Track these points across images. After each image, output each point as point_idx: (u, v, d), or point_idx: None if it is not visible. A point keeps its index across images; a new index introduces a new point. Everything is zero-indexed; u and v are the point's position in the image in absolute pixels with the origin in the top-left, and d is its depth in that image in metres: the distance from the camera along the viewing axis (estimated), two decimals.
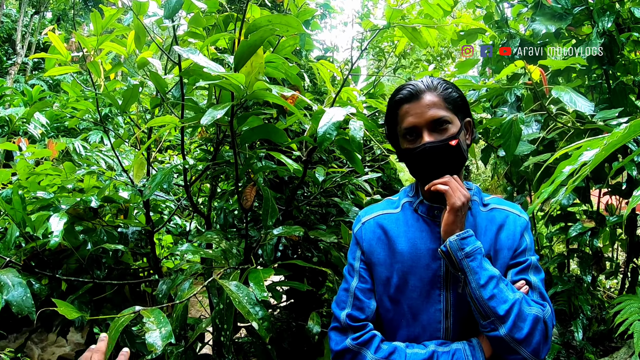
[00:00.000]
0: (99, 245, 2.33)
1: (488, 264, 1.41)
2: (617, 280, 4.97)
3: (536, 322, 1.35)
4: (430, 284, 1.50)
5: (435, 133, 1.47)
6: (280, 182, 2.95)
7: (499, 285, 1.37)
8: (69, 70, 2.39)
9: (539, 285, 1.47)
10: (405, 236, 1.55)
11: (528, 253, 1.53)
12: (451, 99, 1.50)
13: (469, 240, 1.41)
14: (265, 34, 1.44)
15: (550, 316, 1.41)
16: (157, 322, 1.29)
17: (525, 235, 1.55)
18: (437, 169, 1.48)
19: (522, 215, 1.59)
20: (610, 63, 3.53)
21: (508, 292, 1.37)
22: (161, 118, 1.80)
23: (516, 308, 1.34)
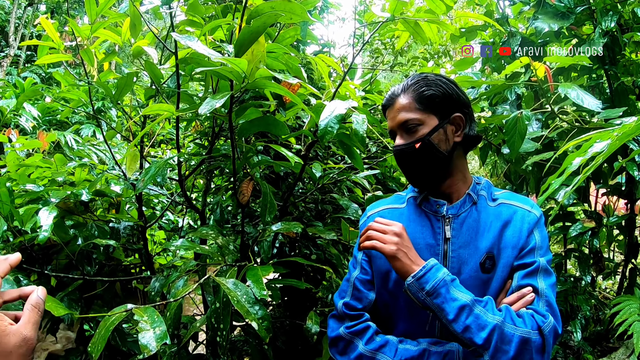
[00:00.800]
0: (90, 240, 2.26)
1: (457, 291, 1.34)
2: (613, 280, 4.97)
3: (523, 344, 1.27)
4: None
5: (406, 135, 1.52)
6: (277, 177, 2.89)
7: (473, 313, 1.30)
8: (61, 57, 2.32)
9: (547, 293, 1.37)
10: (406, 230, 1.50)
11: (537, 253, 1.43)
12: (424, 97, 1.50)
13: (426, 278, 1.35)
14: (269, 20, 1.38)
15: (551, 329, 1.31)
16: (150, 321, 1.22)
17: (536, 232, 1.46)
18: (410, 169, 1.55)
19: (533, 210, 1.50)
20: (611, 63, 3.51)
21: (486, 316, 1.30)
22: (157, 105, 1.73)
23: (496, 333, 1.27)
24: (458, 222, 1.50)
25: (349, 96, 2.31)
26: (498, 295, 1.44)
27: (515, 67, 2.74)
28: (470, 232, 1.48)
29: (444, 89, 1.51)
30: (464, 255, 1.46)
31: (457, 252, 1.47)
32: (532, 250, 1.43)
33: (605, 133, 1.51)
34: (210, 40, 2.19)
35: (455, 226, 1.50)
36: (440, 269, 1.37)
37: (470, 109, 1.57)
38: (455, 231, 1.49)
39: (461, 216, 1.51)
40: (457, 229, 1.49)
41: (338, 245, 2.68)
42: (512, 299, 1.38)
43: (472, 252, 1.46)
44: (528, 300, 1.35)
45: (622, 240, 3.92)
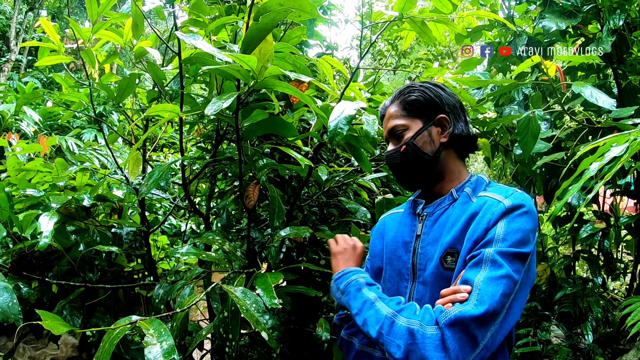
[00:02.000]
0: (92, 246, 2.21)
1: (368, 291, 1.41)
2: (621, 281, 4.93)
3: (411, 336, 1.18)
4: (399, 275, 1.52)
5: (395, 141, 1.57)
6: (282, 180, 2.84)
7: (373, 307, 1.34)
8: (62, 59, 2.27)
9: (482, 286, 1.20)
10: (391, 231, 1.63)
11: (493, 245, 1.26)
12: (408, 102, 1.55)
13: (342, 278, 1.52)
14: (278, 17, 1.33)
15: (450, 320, 1.16)
16: (157, 335, 1.16)
17: (500, 223, 1.29)
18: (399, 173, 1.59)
19: (505, 200, 1.34)
20: (619, 62, 3.47)
21: (382, 310, 1.31)
22: (162, 106, 1.68)
23: (386, 325, 1.25)
24: (432, 219, 1.49)
25: (355, 97, 2.26)
26: None
27: (525, 67, 2.70)
28: (439, 229, 1.45)
29: (427, 93, 1.54)
30: (430, 252, 1.44)
31: (424, 249, 1.46)
32: (487, 243, 1.27)
33: (622, 137, 1.47)
34: (214, 41, 2.14)
35: (428, 224, 1.49)
36: (357, 272, 1.52)
37: (457, 110, 1.56)
38: (427, 228, 1.49)
39: (436, 214, 1.50)
40: (429, 227, 1.49)
41: None
42: (446, 291, 1.28)
43: (436, 249, 1.42)
44: (457, 298, 1.22)
45: (630, 241, 3.88)
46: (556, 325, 3.82)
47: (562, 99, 2.83)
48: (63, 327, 1.20)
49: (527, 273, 1.29)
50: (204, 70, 1.56)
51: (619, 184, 3.69)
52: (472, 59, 4.01)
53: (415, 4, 2.13)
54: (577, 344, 3.68)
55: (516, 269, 1.23)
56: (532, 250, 1.29)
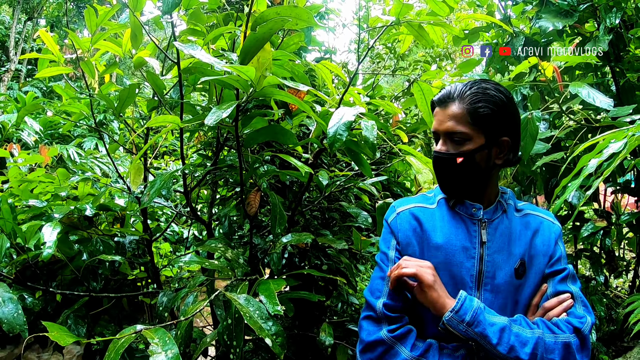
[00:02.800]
0: (95, 255, 2.22)
1: (492, 316, 1.36)
2: (624, 279, 4.93)
3: (567, 349, 1.33)
4: (461, 282, 1.45)
5: (450, 143, 1.47)
6: (282, 186, 2.85)
7: (512, 332, 1.33)
8: (61, 70, 2.29)
9: (581, 295, 1.46)
10: (440, 231, 1.51)
11: (564, 261, 1.51)
12: (478, 114, 1.43)
13: (464, 309, 1.35)
14: (275, 26, 1.34)
15: (590, 327, 1.39)
16: (162, 344, 1.17)
17: (559, 243, 1.53)
18: (445, 178, 1.52)
19: (556, 222, 1.58)
20: (617, 60, 3.48)
21: (526, 333, 1.34)
22: (162, 117, 1.69)
23: (540, 346, 1.32)
24: (492, 227, 1.49)
25: (354, 102, 2.27)
26: (530, 300, 1.48)
27: (523, 68, 2.71)
28: (503, 238, 1.48)
29: (501, 109, 1.45)
30: (498, 260, 1.46)
31: (492, 257, 1.46)
32: (559, 259, 1.50)
33: (620, 133, 1.48)
34: (213, 50, 2.16)
35: (490, 231, 1.49)
36: (472, 298, 1.38)
37: (518, 132, 1.54)
38: (490, 236, 1.48)
39: (495, 222, 1.50)
40: (492, 234, 1.48)
41: (346, 252, 2.63)
42: (553, 303, 1.44)
43: (505, 258, 1.47)
44: (567, 305, 1.42)
45: (632, 238, 3.88)
46: None
47: (561, 99, 2.84)
48: (69, 338, 1.21)
49: None
50: (203, 80, 1.57)
51: (619, 181, 3.69)
52: (470, 60, 4.02)
53: (412, 8, 2.15)
54: None
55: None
56: None
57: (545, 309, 1.44)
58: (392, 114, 2.99)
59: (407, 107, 3.82)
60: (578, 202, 3.07)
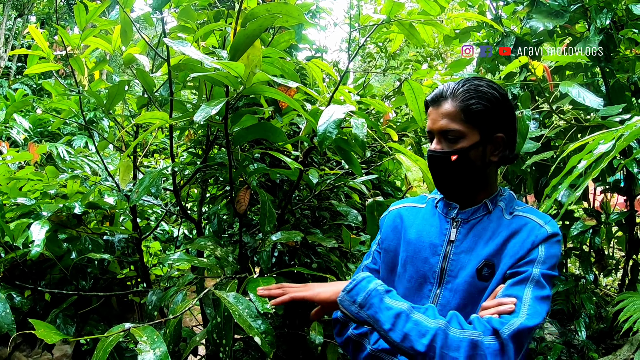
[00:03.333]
0: (84, 254, 2.20)
1: (392, 300, 1.28)
2: (613, 277, 4.96)
3: (474, 348, 1.17)
4: (423, 277, 1.47)
5: (445, 142, 1.45)
6: (272, 185, 2.84)
7: (411, 319, 1.23)
8: (51, 67, 2.27)
9: (534, 302, 1.25)
10: (416, 227, 1.55)
11: (535, 265, 1.32)
12: (472, 111, 1.41)
13: (357, 289, 1.31)
14: (265, 23, 1.33)
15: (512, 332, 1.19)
16: (150, 342, 1.16)
17: (541, 247, 1.34)
18: (440, 177, 1.49)
19: (545, 226, 1.39)
20: (607, 60, 3.49)
21: (427, 322, 1.22)
22: (151, 113, 1.68)
23: (439, 338, 1.18)
24: (466, 227, 1.46)
25: (344, 100, 2.27)
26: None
27: (514, 67, 2.72)
28: (475, 239, 1.43)
29: (494, 105, 1.43)
30: (464, 260, 1.42)
31: (458, 256, 1.43)
32: (530, 262, 1.32)
33: (609, 134, 1.48)
34: (203, 47, 2.15)
35: (462, 230, 1.46)
36: (371, 280, 1.33)
37: (514, 127, 1.51)
38: (461, 235, 1.45)
39: (471, 222, 1.46)
40: (463, 234, 1.45)
41: (336, 251, 2.63)
42: (491, 303, 1.30)
43: (472, 258, 1.41)
44: (505, 310, 1.25)
45: (621, 237, 3.91)
46: (550, 322, 3.85)
47: (551, 99, 2.85)
48: (56, 336, 1.20)
49: None
50: (193, 77, 1.56)
51: (608, 181, 3.72)
52: (461, 59, 4.03)
53: (403, 7, 2.14)
54: (570, 340, 3.70)
55: (551, 290, 1.31)
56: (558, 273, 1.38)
57: (482, 309, 1.31)
58: (382, 113, 2.99)
59: (397, 106, 3.82)
60: (568, 202, 3.09)
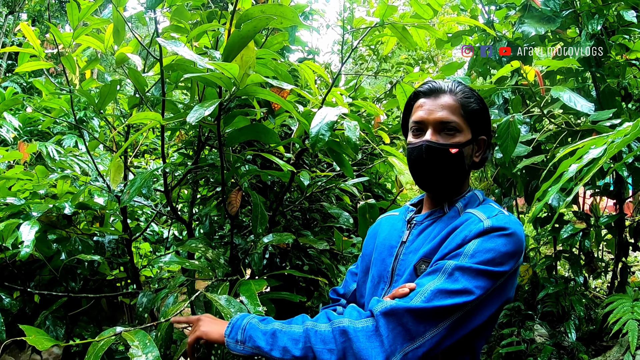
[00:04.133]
0: (74, 255, 2.18)
1: (265, 325, 1.31)
2: (603, 280, 5.00)
3: (343, 334, 1.20)
4: (380, 276, 1.52)
5: (439, 135, 1.43)
6: (264, 186, 2.84)
7: (285, 332, 1.26)
8: (42, 65, 2.25)
9: (429, 295, 1.22)
10: (384, 233, 1.61)
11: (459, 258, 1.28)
12: (469, 108, 1.45)
13: (235, 329, 1.31)
14: (259, 24, 1.33)
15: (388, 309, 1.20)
16: (142, 346, 1.16)
17: (475, 241, 1.30)
18: (429, 171, 1.45)
19: (487, 220, 1.34)
20: (597, 65, 3.52)
21: (296, 329, 1.26)
22: (143, 114, 1.67)
23: (312, 338, 1.22)
24: (419, 229, 1.50)
25: (336, 103, 2.27)
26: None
27: (505, 72, 2.73)
28: (423, 239, 1.46)
29: (485, 108, 1.50)
30: (409, 260, 1.44)
31: (406, 256, 1.47)
32: (455, 255, 1.29)
33: (600, 139, 1.50)
34: (196, 47, 2.14)
35: (415, 232, 1.50)
36: (244, 316, 1.35)
37: (491, 135, 1.56)
38: (413, 237, 1.50)
39: (424, 224, 1.49)
40: (415, 235, 1.49)
41: (326, 253, 2.63)
42: (391, 294, 1.31)
43: (416, 257, 1.42)
44: (398, 293, 1.27)
45: (610, 240, 3.94)
46: (539, 324, 3.86)
47: (542, 103, 2.87)
48: (47, 342, 1.18)
49: (498, 291, 1.28)
50: (186, 78, 1.55)
51: (598, 184, 3.75)
52: (452, 63, 4.04)
53: (397, 10, 2.15)
54: (560, 342, 3.73)
55: (478, 285, 1.23)
56: (507, 270, 1.28)
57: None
58: (374, 115, 2.99)
59: (389, 108, 3.83)
60: (558, 205, 3.11)
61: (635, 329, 2.79)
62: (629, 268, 3.76)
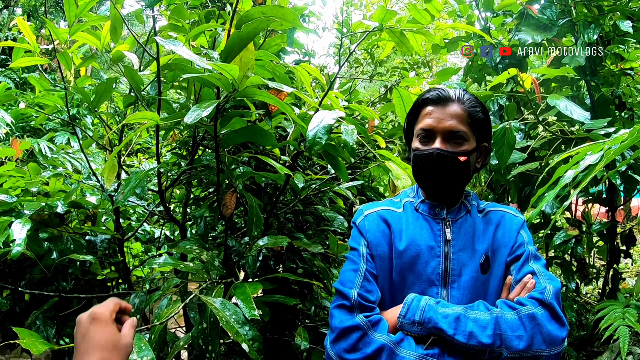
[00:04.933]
0: (66, 254, 2.16)
1: (445, 308, 1.36)
2: (594, 286, 5.02)
3: (533, 320, 1.30)
4: (427, 281, 1.48)
5: (448, 143, 1.49)
6: (258, 188, 2.82)
7: (469, 318, 1.32)
8: (37, 61, 2.23)
9: (542, 270, 1.44)
10: (405, 233, 1.53)
11: (526, 245, 1.51)
12: (475, 117, 1.51)
13: (412, 311, 1.38)
14: (260, 25, 1.32)
15: (553, 294, 1.35)
16: (137, 349, 1.14)
17: (522, 232, 1.54)
18: (439, 177, 1.50)
19: (518, 215, 1.59)
20: (592, 74, 3.54)
21: (484, 315, 1.33)
22: (141, 113, 1.65)
23: (503, 325, 1.30)
24: (457, 225, 1.53)
25: (332, 106, 2.26)
26: (497, 294, 1.49)
27: (502, 79, 2.74)
28: (467, 236, 1.51)
29: (488, 117, 1.57)
30: (464, 258, 1.48)
31: (457, 255, 1.48)
32: (521, 245, 1.50)
33: (596, 145, 1.50)
34: (193, 47, 2.13)
35: (455, 229, 1.52)
36: (420, 298, 1.40)
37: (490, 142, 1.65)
38: (455, 234, 1.51)
39: (459, 221, 1.54)
40: (456, 232, 1.52)
41: (319, 256, 2.62)
42: (517, 291, 1.42)
43: (470, 255, 1.49)
44: (530, 287, 1.39)
45: (602, 247, 3.95)
46: None
47: (537, 110, 2.88)
48: (41, 346, 1.16)
49: None
50: (185, 77, 1.54)
51: (591, 192, 3.76)
52: (447, 69, 4.06)
53: (395, 15, 2.15)
54: None
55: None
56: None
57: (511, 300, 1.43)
58: (368, 119, 2.99)
59: (384, 112, 3.83)
60: (552, 211, 3.12)
61: (626, 335, 2.80)
62: (620, 274, 3.78)
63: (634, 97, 4.08)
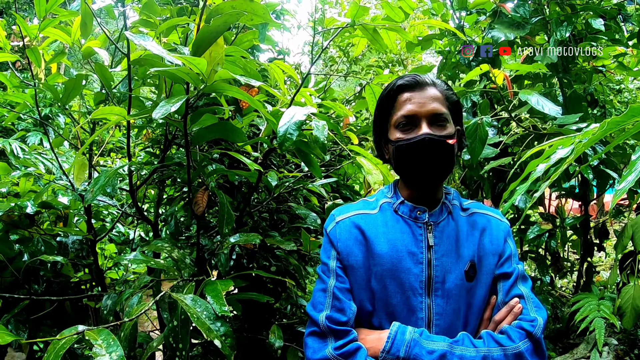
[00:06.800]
0: (36, 256, 2.12)
1: (430, 342, 1.30)
2: (568, 279, 5.10)
3: (519, 358, 1.29)
4: (410, 289, 1.39)
5: (433, 127, 1.41)
6: (231, 186, 2.80)
7: (455, 355, 1.27)
8: (7, 57, 2.18)
9: (531, 295, 1.41)
10: (384, 237, 1.44)
11: (514, 261, 1.48)
12: (451, 100, 1.48)
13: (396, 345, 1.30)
14: (230, 19, 1.31)
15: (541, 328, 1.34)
16: (106, 345, 1.12)
17: (509, 241, 1.51)
18: (429, 164, 1.40)
19: (504, 220, 1.55)
20: (565, 71, 3.60)
21: (470, 353, 1.28)
22: (108, 108, 1.63)
23: None
24: (439, 230, 1.45)
25: (305, 103, 2.26)
26: (483, 302, 1.44)
27: (475, 75, 2.75)
28: (450, 241, 1.44)
29: (459, 100, 1.53)
30: (447, 264, 1.41)
31: (440, 261, 1.41)
32: (509, 258, 1.47)
33: (567, 139, 1.52)
34: (165, 43, 2.10)
35: (437, 234, 1.44)
36: (405, 330, 1.32)
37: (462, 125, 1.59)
38: (438, 239, 1.43)
39: (441, 224, 1.46)
40: (439, 237, 1.44)
41: (294, 254, 2.61)
42: (503, 314, 1.40)
43: (454, 261, 1.42)
44: (517, 312, 1.37)
45: (576, 241, 4.01)
46: None
47: (509, 106, 2.91)
48: (8, 337, 1.14)
49: None
50: (153, 72, 1.52)
51: (564, 186, 3.81)
52: (422, 66, 4.07)
53: (368, 12, 2.14)
54: None
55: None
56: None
57: (496, 322, 1.40)
58: (343, 116, 2.99)
59: (358, 109, 3.84)
60: (525, 205, 3.15)
61: (602, 327, 2.83)
62: (594, 268, 3.84)
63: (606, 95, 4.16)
